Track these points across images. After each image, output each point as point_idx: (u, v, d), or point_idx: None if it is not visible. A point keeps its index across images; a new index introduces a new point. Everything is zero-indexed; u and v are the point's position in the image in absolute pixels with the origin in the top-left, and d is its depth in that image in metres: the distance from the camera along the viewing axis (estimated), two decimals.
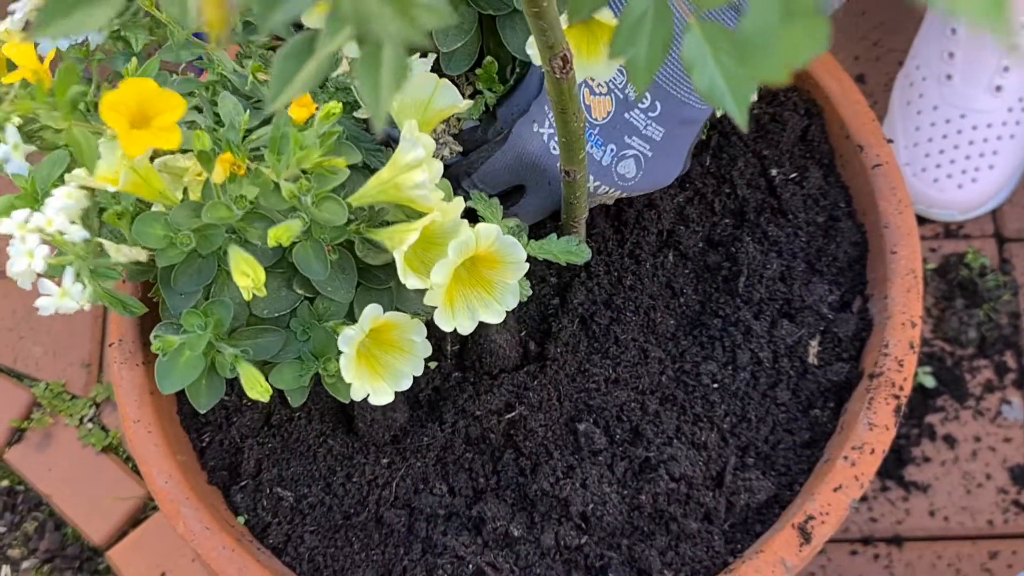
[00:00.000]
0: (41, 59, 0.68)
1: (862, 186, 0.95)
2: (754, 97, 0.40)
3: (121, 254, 0.69)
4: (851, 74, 1.39)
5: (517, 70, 0.86)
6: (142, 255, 0.70)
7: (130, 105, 0.64)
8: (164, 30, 0.79)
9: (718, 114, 0.95)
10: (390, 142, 0.81)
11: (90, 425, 1.25)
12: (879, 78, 1.40)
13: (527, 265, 0.72)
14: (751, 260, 0.92)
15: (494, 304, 0.73)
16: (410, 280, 0.68)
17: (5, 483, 1.24)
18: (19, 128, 0.67)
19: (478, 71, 0.85)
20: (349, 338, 0.69)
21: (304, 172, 0.66)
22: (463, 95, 0.87)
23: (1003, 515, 1.16)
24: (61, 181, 0.68)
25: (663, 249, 0.94)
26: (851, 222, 0.96)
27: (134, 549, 1.18)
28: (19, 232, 0.65)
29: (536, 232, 0.92)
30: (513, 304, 0.74)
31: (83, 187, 0.67)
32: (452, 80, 0.77)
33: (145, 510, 1.20)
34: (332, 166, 0.67)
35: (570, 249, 0.79)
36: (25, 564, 1.19)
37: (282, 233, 0.66)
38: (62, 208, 0.65)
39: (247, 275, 0.67)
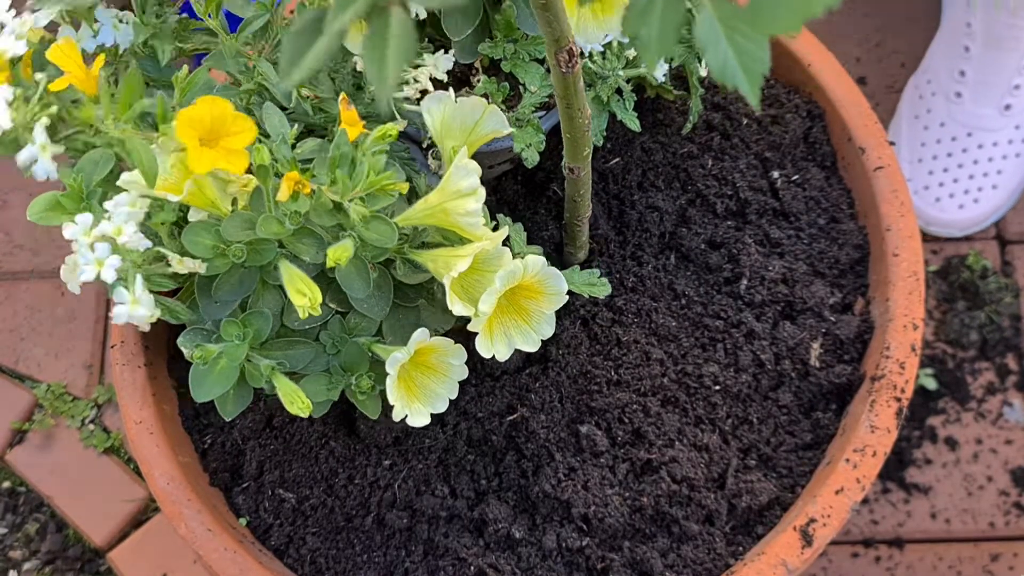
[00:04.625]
0: (88, 63, 0.66)
1: (864, 188, 0.95)
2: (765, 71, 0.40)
3: (184, 266, 0.67)
4: (853, 76, 1.39)
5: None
6: (203, 268, 0.68)
7: (204, 122, 0.63)
8: (195, 38, 0.79)
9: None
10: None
11: (91, 427, 1.25)
12: (881, 80, 1.40)
13: (567, 297, 0.72)
14: (753, 262, 0.92)
15: (531, 333, 0.73)
16: (456, 307, 0.68)
17: (7, 484, 1.24)
18: (48, 129, 0.65)
19: (481, 49, 0.84)
20: (396, 361, 0.68)
21: None
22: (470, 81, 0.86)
23: (1004, 517, 1.16)
24: (107, 181, 0.66)
25: (665, 251, 0.94)
26: (853, 224, 0.96)
27: (135, 551, 1.18)
28: (85, 239, 0.63)
29: (539, 235, 0.92)
30: (549, 333, 0.74)
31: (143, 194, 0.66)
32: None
33: (146, 512, 1.20)
34: (393, 188, 0.66)
35: (592, 282, 0.80)
36: (27, 566, 1.19)
37: (341, 254, 0.65)
38: (129, 216, 0.63)
39: (303, 294, 0.66)
